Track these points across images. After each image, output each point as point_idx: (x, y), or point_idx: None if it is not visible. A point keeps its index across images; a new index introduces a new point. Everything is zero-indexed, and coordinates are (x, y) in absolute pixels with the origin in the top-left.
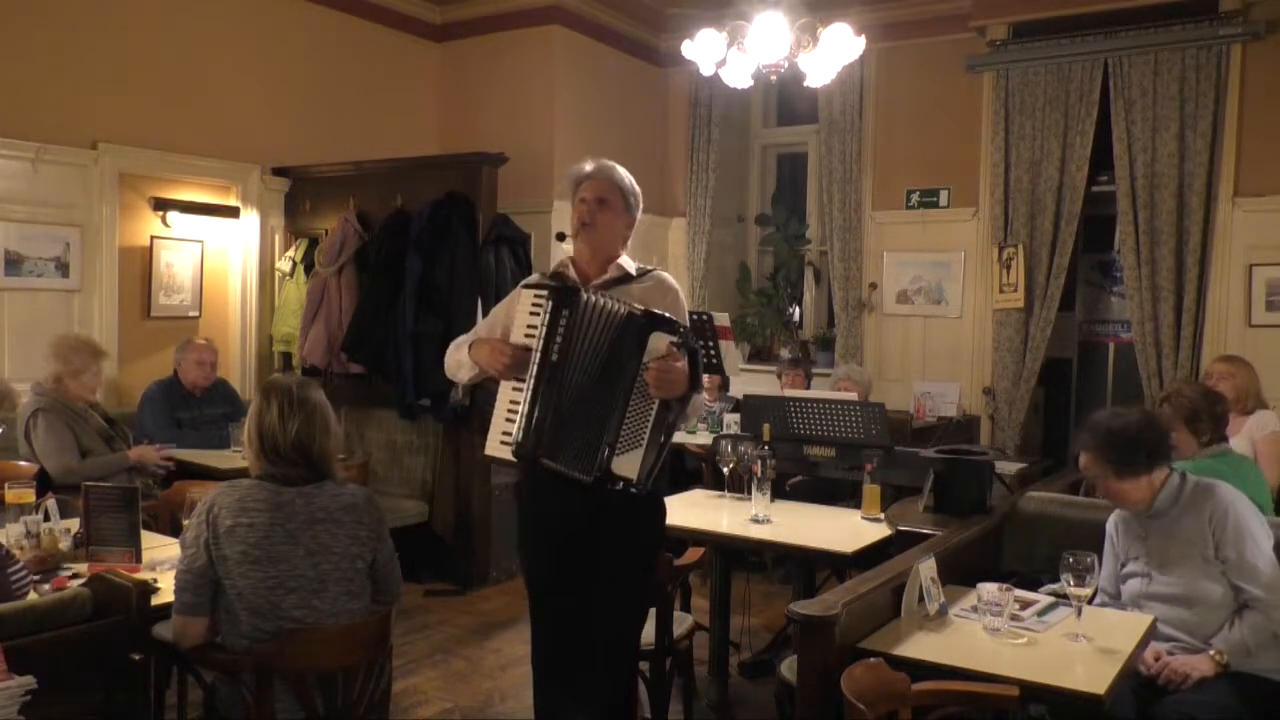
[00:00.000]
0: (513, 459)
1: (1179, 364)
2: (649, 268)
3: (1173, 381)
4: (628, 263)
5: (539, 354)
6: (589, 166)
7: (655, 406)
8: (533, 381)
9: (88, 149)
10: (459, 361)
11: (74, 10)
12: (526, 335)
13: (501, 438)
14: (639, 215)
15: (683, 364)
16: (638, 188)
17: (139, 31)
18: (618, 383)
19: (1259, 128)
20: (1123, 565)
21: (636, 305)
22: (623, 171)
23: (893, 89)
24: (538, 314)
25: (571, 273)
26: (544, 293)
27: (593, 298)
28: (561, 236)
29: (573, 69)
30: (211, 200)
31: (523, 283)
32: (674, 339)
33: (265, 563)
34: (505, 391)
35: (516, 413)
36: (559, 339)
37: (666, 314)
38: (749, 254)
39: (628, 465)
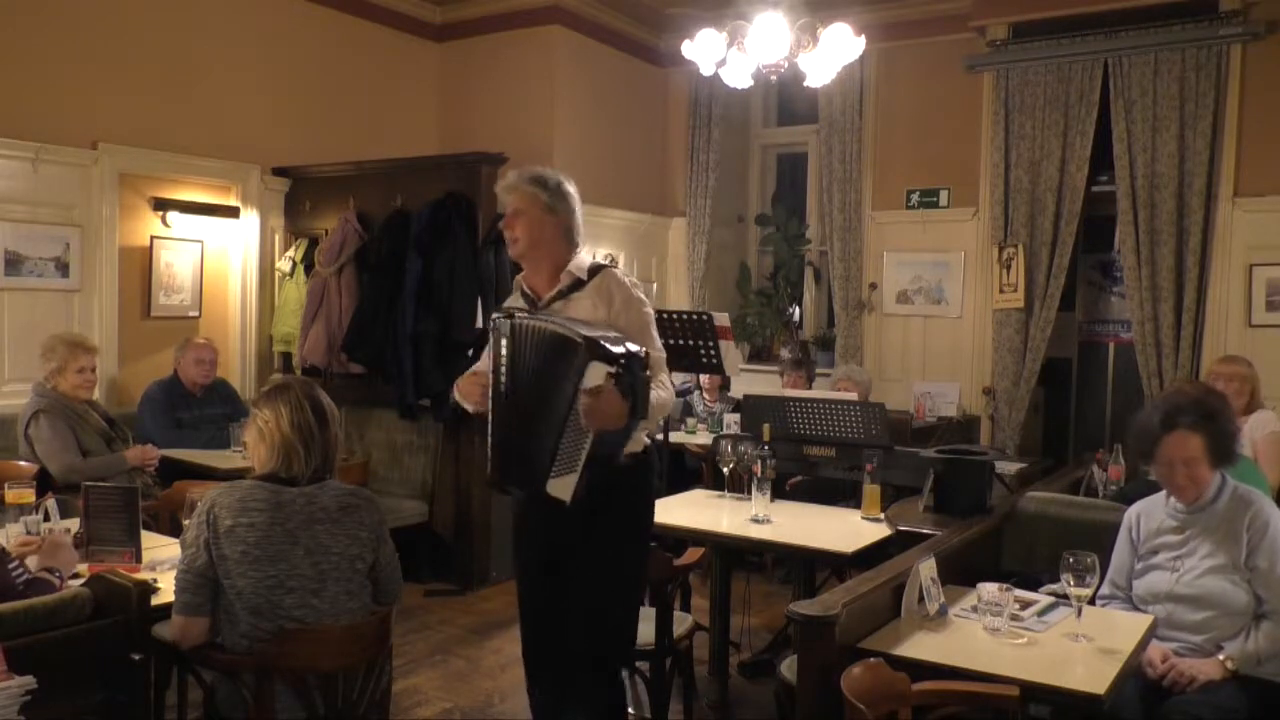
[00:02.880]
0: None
1: (1179, 364)
2: (601, 263)
3: (1173, 381)
4: (579, 266)
5: (490, 386)
6: (501, 186)
7: (590, 435)
8: (490, 414)
9: (88, 149)
10: (458, 396)
11: (74, 10)
12: (491, 363)
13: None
14: (575, 206)
15: (617, 397)
16: (559, 179)
17: (139, 31)
18: (554, 409)
19: (1259, 128)
20: (1141, 559)
21: (576, 328)
22: (537, 172)
23: (893, 89)
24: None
25: (522, 293)
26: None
27: (525, 322)
28: (516, 268)
29: (573, 69)
30: (211, 200)
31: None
32: (610, 369)
33: (265, 562)
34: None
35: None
36: (504, 368)
37: (606, 339)
38: (749, 254)
39: (562, 488)
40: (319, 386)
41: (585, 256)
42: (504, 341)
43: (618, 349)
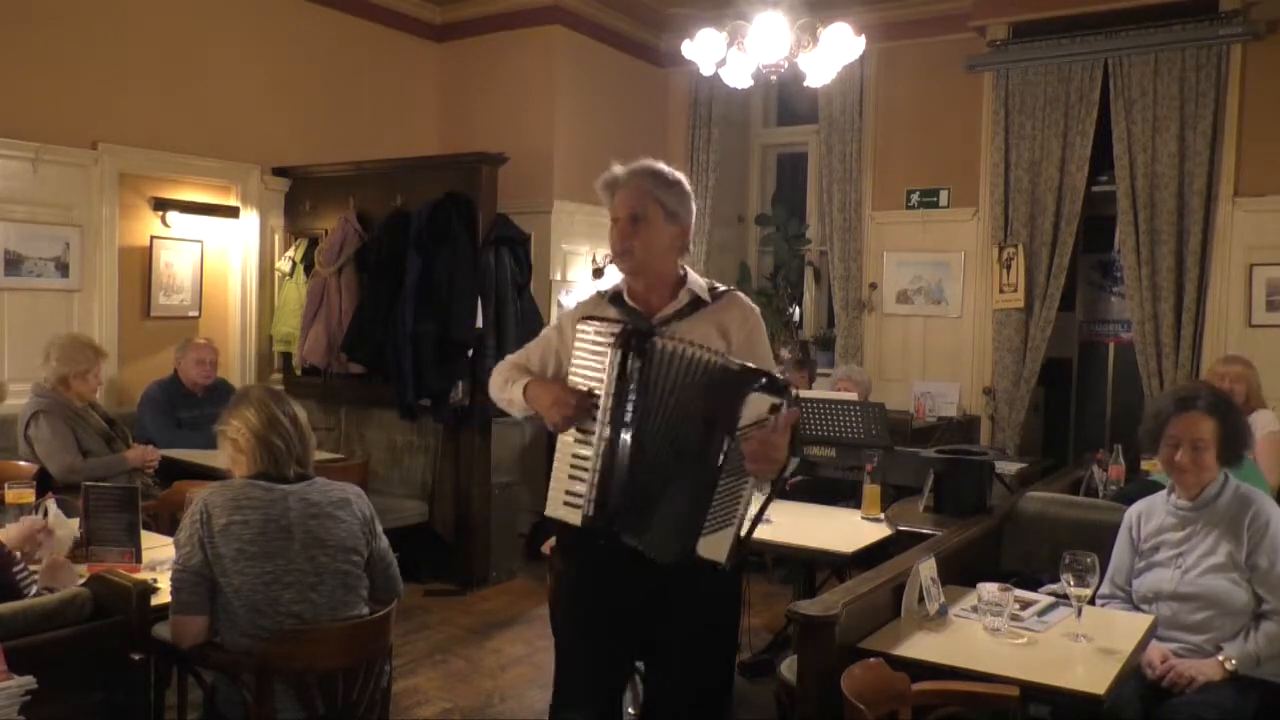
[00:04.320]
0: (578, 524)
1: (1179, 364)
2: (722, 287)
3: (1173, 381)
4: (698, 283)
5: (609, 409)
6: (618, 171)
7: (750, 481)
8: (604, 444)
9: (88, 149)
10: (510, 400)
11: (74, 10)
12: (585, 378)
13: (566, 498)
14: (692, 214)
15: (784, 435)
16: (682, 180)
17: (139, 31)
18: (707, 451)
19: (1259, 128)
20: (1142, 558)
21: (729, 357)
22: (660, 169)
23: (893, 89)
24: (600, 355)
25: (623, 305)
26: (607, 332)
27: (670, 345)
28: (598, 273)
29: (573, 69)
30: (211, 200)
31: (581, 312)
32: (776, 400)
33: (261, 559)
34: (567, 443)
35: (583, 470)
36: (632, 393)
37: (765, 369)
38: (749, 254)
39: (715, 548)
40: (281, 390)
41: (698, 275)
42: (634, 363)
43: (780, 378)
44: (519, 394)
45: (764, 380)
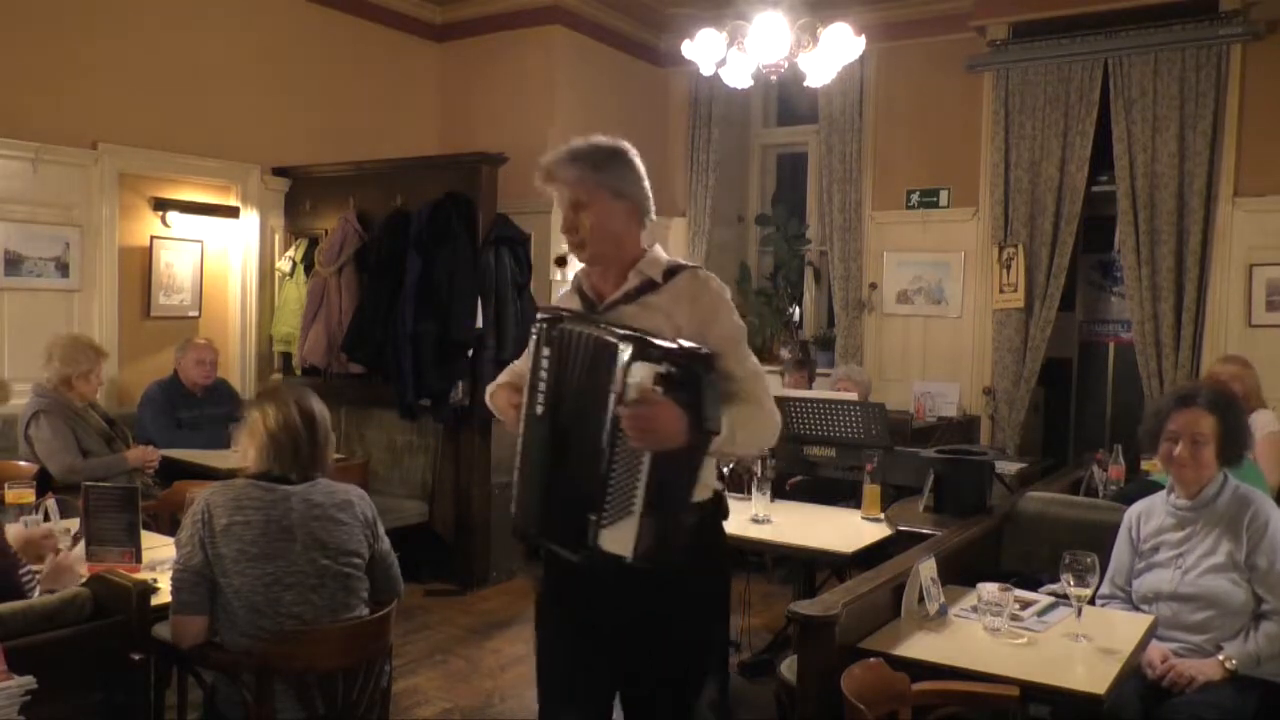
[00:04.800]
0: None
1: (1179, 364)
2: (682, 263)
3: (1173, 381)
4: (654, 262)
5: (524, 407)
6: (547, 160)
7: (646, 462)
8: (520, 442)
9: (88, 149)
10: (493, 408)
11: (74, 10)
12: (527, 383)
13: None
14: (641, 174)
15: (670, 406)
16: (619, 150)
17: (139, 31)
18: (597, 432)
19: (1259, 128)
20: (1141, 558)
21: (621, 328)
22: (591, 146)
23: (893, 89)
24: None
25: (580, 294)
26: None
27: (571, 328)
28: (561, 261)
29: (573, 69)
30: (211, 200)
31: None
32: (661, 369)
33: (262, 560)
34: None
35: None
36: (543, 385)
37: (656, 336)
38: (749, 254)
39: (618, 540)
40: (312, 392)
41: (660, 250)
42: (545, 351)
43: (669, 344)
44: (489, 400)
45: (644, 348)
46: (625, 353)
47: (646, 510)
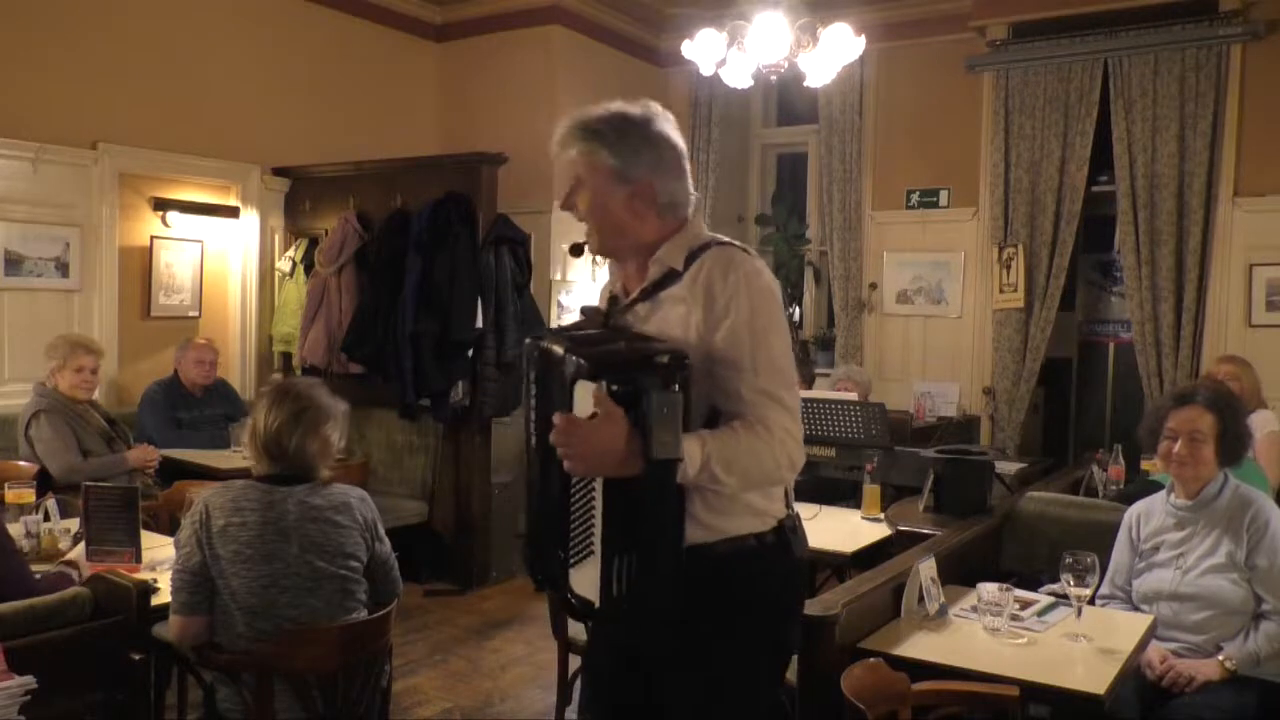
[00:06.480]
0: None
1: (1179, 364)
2: (714, 239)
3: (1173, 382)
4: (678, 246)
5: (527, 436)
6: (561, 126)
7: (598, 494)
8: (526, 474)
9: (88, 149)
10: None
11: (74, 10)
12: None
13: None
14: (663, 153)
15: (606, 426)
16: (626, 112)
17: (139, 31)
18: (551, 462)
19: (1259, 128)
20: (1141, 558)
21: (556, 339)
22: (584, 118)
23: (893, 89)
24: None
25: (612, 291)
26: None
27: (546, 345)
28: (576, 250)
29: (572, 69)
30: (211, 200)
31: None
32: (597, 385)
33: (258, 561)
34: None
35: None
36: (532, 412)
37: (657, 340)
38: None
39: (584, 582)
40: (321, 389)
41: (694, 229)
42: (531, 374)
43: (611, 346)
44: None
45: (588, 362)
46: (570, 368)
47: (608, 548)
